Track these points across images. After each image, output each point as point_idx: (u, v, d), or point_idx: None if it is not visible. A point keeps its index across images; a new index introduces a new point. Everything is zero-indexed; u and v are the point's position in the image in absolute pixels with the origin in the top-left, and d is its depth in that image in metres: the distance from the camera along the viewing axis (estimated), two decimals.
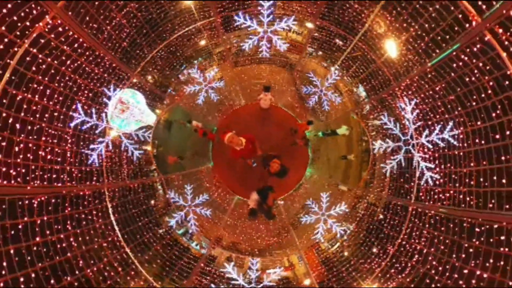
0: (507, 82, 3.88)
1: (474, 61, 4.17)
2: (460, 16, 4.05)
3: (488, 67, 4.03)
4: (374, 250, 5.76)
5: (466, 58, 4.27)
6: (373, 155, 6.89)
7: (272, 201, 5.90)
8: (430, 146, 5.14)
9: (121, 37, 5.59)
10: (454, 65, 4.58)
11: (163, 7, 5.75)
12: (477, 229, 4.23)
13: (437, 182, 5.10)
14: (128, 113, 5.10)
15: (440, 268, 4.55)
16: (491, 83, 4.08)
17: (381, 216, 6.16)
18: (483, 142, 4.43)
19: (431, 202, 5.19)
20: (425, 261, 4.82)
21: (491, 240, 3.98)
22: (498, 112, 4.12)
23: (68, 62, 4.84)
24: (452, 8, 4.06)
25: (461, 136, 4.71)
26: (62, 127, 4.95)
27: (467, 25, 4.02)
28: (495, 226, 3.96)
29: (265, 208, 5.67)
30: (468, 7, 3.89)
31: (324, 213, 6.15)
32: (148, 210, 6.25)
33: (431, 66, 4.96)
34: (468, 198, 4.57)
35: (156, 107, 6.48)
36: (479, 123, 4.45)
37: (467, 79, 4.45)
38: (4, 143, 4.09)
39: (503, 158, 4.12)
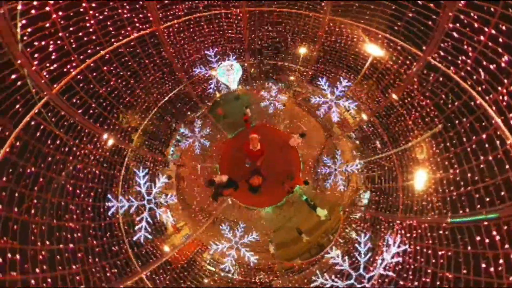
0: None
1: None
2: None
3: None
4: None
5: (497, 232, 2.09)
6: (321, 256, 4.42)
7: (227, 193, 5.00)
8: None
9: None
10: (478, 237, 2.34)
11: None
12: None
13: None
14: (228, 72, 5.80)
15: None
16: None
17: None
18: None
19: None
20: None
21: None
22: None
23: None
24: (507, 166, 2.18)
25: None
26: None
27: None
28: None
29: (219, 191, 4.90)
30: None
31: (237, 241, 4.50)
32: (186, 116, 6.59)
33: (449, 223, 2.78)
34: None
35: (241, 84, 6.78)
36: None
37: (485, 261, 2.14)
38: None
39: None
